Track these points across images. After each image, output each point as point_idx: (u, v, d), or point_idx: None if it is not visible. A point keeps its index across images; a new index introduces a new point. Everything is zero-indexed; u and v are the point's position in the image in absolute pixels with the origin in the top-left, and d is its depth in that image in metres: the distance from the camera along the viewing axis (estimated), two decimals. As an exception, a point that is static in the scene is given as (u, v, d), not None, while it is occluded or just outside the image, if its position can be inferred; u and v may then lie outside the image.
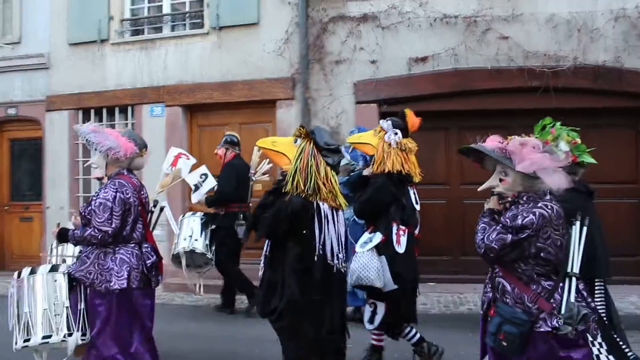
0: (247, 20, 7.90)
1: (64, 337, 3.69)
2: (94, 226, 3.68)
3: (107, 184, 3.84)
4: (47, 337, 3.69)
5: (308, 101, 7.52)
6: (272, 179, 5.53)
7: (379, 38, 7.40)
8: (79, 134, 3.94)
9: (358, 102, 7.42)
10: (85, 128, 3.84)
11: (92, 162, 3.93)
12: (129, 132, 4.12)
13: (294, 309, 3.33)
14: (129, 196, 3.78)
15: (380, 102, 7.35)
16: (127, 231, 3.79)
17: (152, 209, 4.33)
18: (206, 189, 6.05)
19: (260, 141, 3.72)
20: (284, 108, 7.67)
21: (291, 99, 7.62)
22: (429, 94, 7.25)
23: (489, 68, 7.11)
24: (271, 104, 7.76)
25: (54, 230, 3.96)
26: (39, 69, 9.12)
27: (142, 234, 3.90)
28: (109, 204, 3.69)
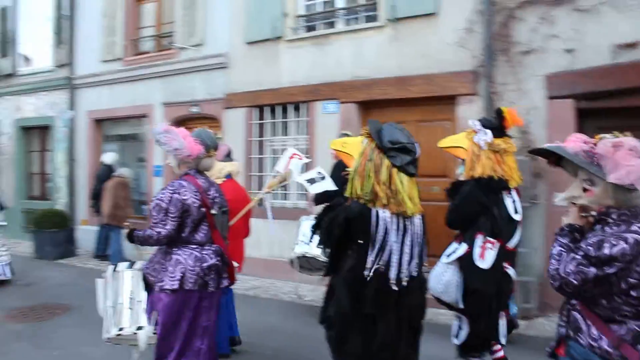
0: (425, 10, 7.41)
1: (136, 330, 3.90)
2: (150, 227, 3.71)
3: (168, 185, 3.83)
4: (121, 329, 3.93)
5: (492, 97, 6.86)
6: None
7: (576, 23, 6.50)
8: (152, 133, 3.92)
9: (551, 97, 6.58)
10: (158, 128, 3.83)
11: (168, 162, 3.96)
12: (199, 132, 4.02)
13: (342, 320, 3.19)
14: (186, 197, 3.71)
15: (577, 97, 6.46)
16: (186, 232, 3.76)
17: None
18: (324, 186, 5.91)
19: (332, 142, 3.63)
20: (465, 104, 7.08)
21: (473, 94, 7.01)
22: (639, 86, 6.25)
23: None
24: (451, 99, 7.20)
25: (124, 231, 3.97)
26: (218, 68, 9.45)
27: (206, 235, 3.83)
28: (163, 205, 3.68)
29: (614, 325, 2.14)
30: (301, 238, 6.02)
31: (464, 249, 4.04)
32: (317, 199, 5.93)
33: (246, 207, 4.96)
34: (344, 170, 5.85)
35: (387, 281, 3.11)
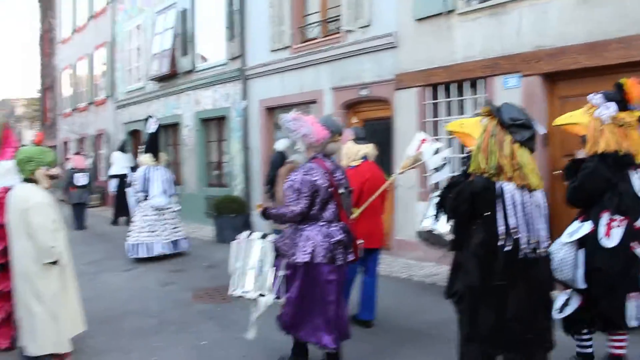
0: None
1: (258, 296, 4.24)
2: (285, 205, 4.10)
3: (299, 167, 4.24)
4: (245, 292, 4.31)
5: None
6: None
7: None
8: (282, 122, 4.23)
9: None
10: (288, 116, 4.19)
11: (298, 148, 4.31)
12: (325, 118, 4.43)
13: (472, 294, 3.31)
14: (315, 178, 4.06)
15: None
16: (315, 210, 4.10)
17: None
18: (444, 174, 5.93)
19: (449, 124, 3.83)
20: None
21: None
22: None
23: None
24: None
25: (257, 210, 4.42)
26: (386, 48, 9.26)
27: (334, 213, 4.17)
28: (296, 185, 4.06)
29: None
30: (431, 213, 6.10)
31: (588, 228, 3.93)
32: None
33: (382, 187, 5.48)
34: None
35: (515, 253, 3.19)
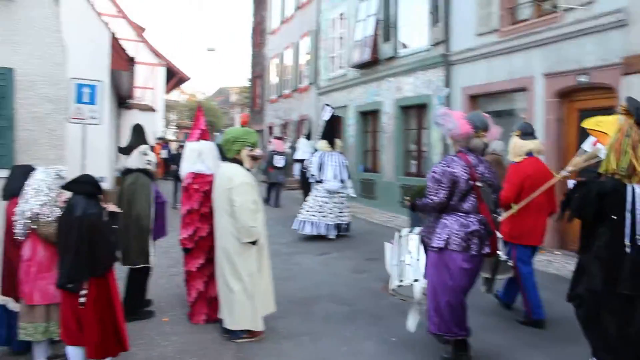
0: None
1: (412, 282, 4.56)
2: (426, 195, 4.28)
3: (442, 159, 4.38)
4: (402, 281, 4.63)
5: None
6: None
7: None
8: (433, 116, 4.09)
9: None
10: (439, 111, 4.47)
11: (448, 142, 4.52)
12: (472, 115, 4.55)
13: (593, 298, 3.21)
14: (455, 170, 4.18)
15: None
16: (454, 201, 4.23)
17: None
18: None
19: (585, 121, 3.93)
20: None
21: None
22: None
23: None
24: None
25: (407, 204, 4.68)
26: (614, 27, 7.99)
27: (473, 205, 4.25)
28: (437, 176, 4.23)
29: None
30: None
31: None
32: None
33: (547, 183, 5.33)
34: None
35: None
